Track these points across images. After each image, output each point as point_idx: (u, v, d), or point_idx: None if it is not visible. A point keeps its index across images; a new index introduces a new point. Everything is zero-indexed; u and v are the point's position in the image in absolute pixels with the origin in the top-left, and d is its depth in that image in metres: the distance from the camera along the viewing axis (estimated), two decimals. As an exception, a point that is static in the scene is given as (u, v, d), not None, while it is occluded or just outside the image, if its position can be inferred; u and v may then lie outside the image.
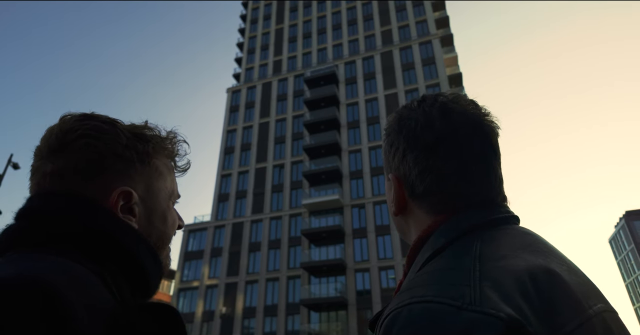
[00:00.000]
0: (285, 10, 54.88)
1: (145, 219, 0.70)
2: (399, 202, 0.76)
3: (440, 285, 0.54)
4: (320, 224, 37.09)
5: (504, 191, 0.75)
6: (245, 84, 50.65)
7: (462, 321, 0.48)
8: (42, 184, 0.66)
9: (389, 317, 0.53)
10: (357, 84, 44.77)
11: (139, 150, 0.71)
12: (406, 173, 0.74)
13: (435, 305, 0.50)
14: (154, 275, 0.67)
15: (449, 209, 0.71)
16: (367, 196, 37.46)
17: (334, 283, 34.49)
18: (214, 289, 38.04)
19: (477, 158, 0.72)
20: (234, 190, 43.22)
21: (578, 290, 0.57)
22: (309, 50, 50.61)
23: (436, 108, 0.75)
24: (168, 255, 0.76)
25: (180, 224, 0.78)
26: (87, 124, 0.68)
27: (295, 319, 34.19)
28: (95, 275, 0.55)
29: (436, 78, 41.22)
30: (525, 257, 0.58)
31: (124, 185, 0.67)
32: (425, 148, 0.73)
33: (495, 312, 0.48)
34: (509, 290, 0.51)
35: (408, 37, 45.97)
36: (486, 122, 0.75)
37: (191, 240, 41.80)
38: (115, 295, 0.56)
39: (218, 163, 45.79)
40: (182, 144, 0.80)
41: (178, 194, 0.79)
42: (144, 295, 0.66)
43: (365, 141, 40.63)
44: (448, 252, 0.63)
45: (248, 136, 46.50)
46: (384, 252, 34.31)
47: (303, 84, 46.88)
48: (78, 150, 0.66)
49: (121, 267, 0.62)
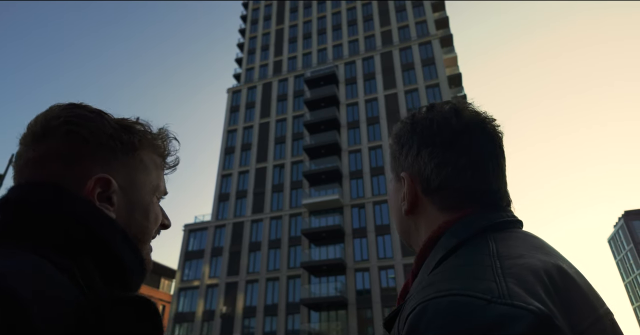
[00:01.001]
0: (286, 10, 54.87)
1: (125, 210, 0.67)
2: (411, 199, 0.77)
3: (466, 279, 0.55)
4: (320, 224, 37.08)
5: (509, 194, 0.77)
6: (246, 84, 50.63)
7: (492, 314, 0.48)
8: (23, 170, 0.66)
9: (415, 311, 0.53)
10: (357, 84, 44.76)
11: (123, 141, 0.69)
12: (421, 168, 0.76)
13: (463, 298, 0.50)
14: (133, 268, 0.64)
15: (461, 205, 0.73)
16: (367, 196, 37.46)
17: (334, 283, 34.48)
18: (214, 289, 38.02)
19: (489, 156, 0.75)
20: (234, 190, 43.23)
21: (587, 290, 0.59)
22: (309, 50, 50.60)
23: (449, 108, 0.79)
24: (149, 251, 0.73)
25: (166, 223, 0.77)
26: (72, 112, 0.68)
27: (295, 319, 34.18)
28: (61, 270, 0.52)
29: (436, 78, 41.20)
30: (539, 257, 0.60)
31: (103, 173, 0.66)
32: (442, 143, 0.75)
33: (526, 305, 0.49)
34: (533, 286, 0.52)
35: (408, 38, 45.97)
36: (494, 124, 0.79)
37: (192, 239, 41.78)
38: (84, 289, 0.53)
39: (218, 163, 45.80)
40: (173, 142, 0.79)
41: (165, 190, 0.78)
42: (123, 288, 0.63)
43: (365, 141, 40.61)
44: (463, 251, 0.64)
45: (248, 136, 46.49)
46: (384, 252, 34.31)
47: (303, 84, 46.86)
48: (60, 136, 0.65)
49: (96, 258, 0.60)
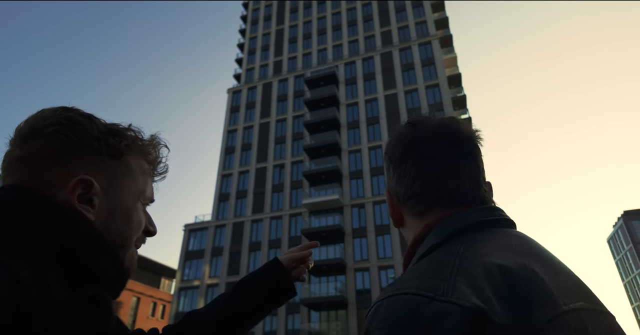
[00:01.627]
0: (286, 11, 54.87)
1: (107, 212, 0.67)
2: (391, 212, 0.85)
3: (419, 278, 0.60)
4: (320, 224, 37.09)
5: (483, 192, 0.80)
6: (246, 84, 50.65)
7: (432, 310, 0.52)
8: (9, 169, 0.66)
9: (373, 308, 0.58)
10: (357, 85, 44.79)
11: (109, 144, 0.69)
12: (391, 184, 0.85)
13: (412, 297, 0.55)
14: (107, 271, 0.63)
15: (429, 210, 0.78)
16: (367, 196, 37.49)
17: (334, 282, 34.52)
18: (214, 288, 38.01)
19: (445, 160, 0.79)
20: (234, 190, 43.27)
21: (554, 287, 0.60)
22: (309, 50, 50.62)
23: (404, 126, 0.86)
24: (132, 256, 0.72)
25: (150, 230, 0.75)
26: (61, 114, 0.68)
27: (295, 318, 34.21)
28: (6, 273, 0.50)
29: (435, 78, 41.24)
30: (503, 255, 0.62)
31: (86, 175, 0.65)
32: (397, 158, 0.83)
33: (462, 302, 0.52)
34: (481, 284, 0.56)
35: (408, 38, 46.02)
36: (455, 127, 0.82)
37: (192, 239, 41.83)
38: (28, 291, 0.50)
39: (219, 163, 45.83)
40: (163, 149, 0.79)
41: (152, 197, 0.77)
42: (92, 288, 0.60)
43: (365, 141, 40.65)
44: (435, 253, 0.69)
45: (248, 136, 46.53)
46: (384, 252, 34.35)
47: (303, 85, 46.89)
48: (46, 136, 0.65)
49: (60, 258, 0.58)
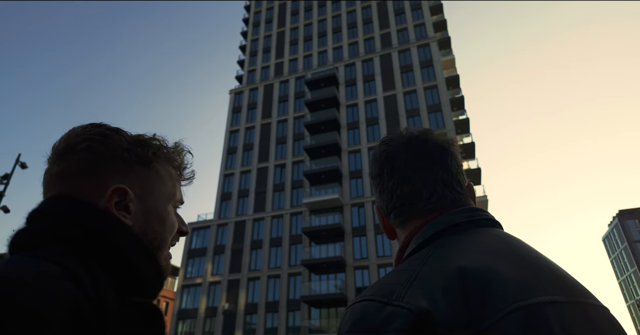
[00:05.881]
0: (287, 13, 55.03)
1: (142, 217, 0.71)
2: (384, 226, 0.89)
3: (381, 285, 0.64)
4: (321, 223, 37.23)
5: (458, 196, 0.82)
6: (248, 85, 50.82)
7: (383, 314, 0.58)
8: (50, 185, 0.70)
9: (343, 314, 0.63)
10: (357, 86, 45.02)
11: (138, 154, 0.73)
12: (377, 200, 0.89)
13: (369, 303, 0.60)
14: (147, 273, 0.66)
15: (409, 219, 0.81)
16: (367, 195, 37.62)
17: (334, 280, 34.68)
18: (216, 286, 38.24)
19: (416, 170, 0.82)
20: (236, 189, 43.43)
21: (516, 285, 0.60)
22: (309, 52, 50.85)
23: (379, 145, 0.90)
24: (168, 258, 0.75)
25: (183, 230, 0.79)
26: (91, 130, 0.72)
27: (296, 315, 34.41)
28: (66, 275, 0.53)
29: (434, 80, 41.56)
30: (469, 256, 0.64)
31: (120, 184, 0.69)
32: (376, 176, 0.88)
33: (408, 305, 0.57)
34: (433, 287, 0.59)
35: (406, 40, 46.33)
36: (422, 137, 0.86)
37: (195, 238, 42.01)
38: (89, 295, 0.53)
39: (221, 163, 46.01)
40: (187, 155, 0.83)
41: (181, 200, 0.81)
42: (138, 293, 0.64)
43: (365, 141, 40.84)
44: (408, 259, 0.71)
45: (250, 136, 46.74)
46: (383, 250, 34.57)
47: (304, 86, 47.13)
48: (80, 151, 0.69)
49: (108, 263, 0.62)
